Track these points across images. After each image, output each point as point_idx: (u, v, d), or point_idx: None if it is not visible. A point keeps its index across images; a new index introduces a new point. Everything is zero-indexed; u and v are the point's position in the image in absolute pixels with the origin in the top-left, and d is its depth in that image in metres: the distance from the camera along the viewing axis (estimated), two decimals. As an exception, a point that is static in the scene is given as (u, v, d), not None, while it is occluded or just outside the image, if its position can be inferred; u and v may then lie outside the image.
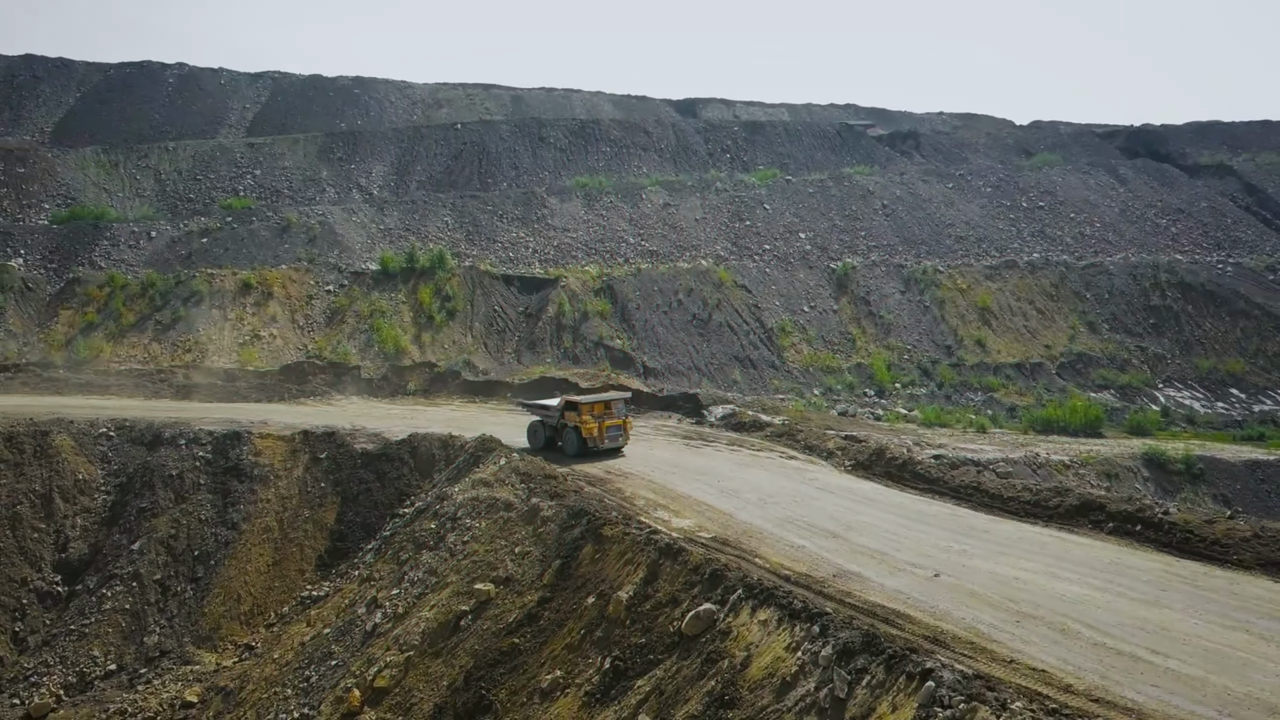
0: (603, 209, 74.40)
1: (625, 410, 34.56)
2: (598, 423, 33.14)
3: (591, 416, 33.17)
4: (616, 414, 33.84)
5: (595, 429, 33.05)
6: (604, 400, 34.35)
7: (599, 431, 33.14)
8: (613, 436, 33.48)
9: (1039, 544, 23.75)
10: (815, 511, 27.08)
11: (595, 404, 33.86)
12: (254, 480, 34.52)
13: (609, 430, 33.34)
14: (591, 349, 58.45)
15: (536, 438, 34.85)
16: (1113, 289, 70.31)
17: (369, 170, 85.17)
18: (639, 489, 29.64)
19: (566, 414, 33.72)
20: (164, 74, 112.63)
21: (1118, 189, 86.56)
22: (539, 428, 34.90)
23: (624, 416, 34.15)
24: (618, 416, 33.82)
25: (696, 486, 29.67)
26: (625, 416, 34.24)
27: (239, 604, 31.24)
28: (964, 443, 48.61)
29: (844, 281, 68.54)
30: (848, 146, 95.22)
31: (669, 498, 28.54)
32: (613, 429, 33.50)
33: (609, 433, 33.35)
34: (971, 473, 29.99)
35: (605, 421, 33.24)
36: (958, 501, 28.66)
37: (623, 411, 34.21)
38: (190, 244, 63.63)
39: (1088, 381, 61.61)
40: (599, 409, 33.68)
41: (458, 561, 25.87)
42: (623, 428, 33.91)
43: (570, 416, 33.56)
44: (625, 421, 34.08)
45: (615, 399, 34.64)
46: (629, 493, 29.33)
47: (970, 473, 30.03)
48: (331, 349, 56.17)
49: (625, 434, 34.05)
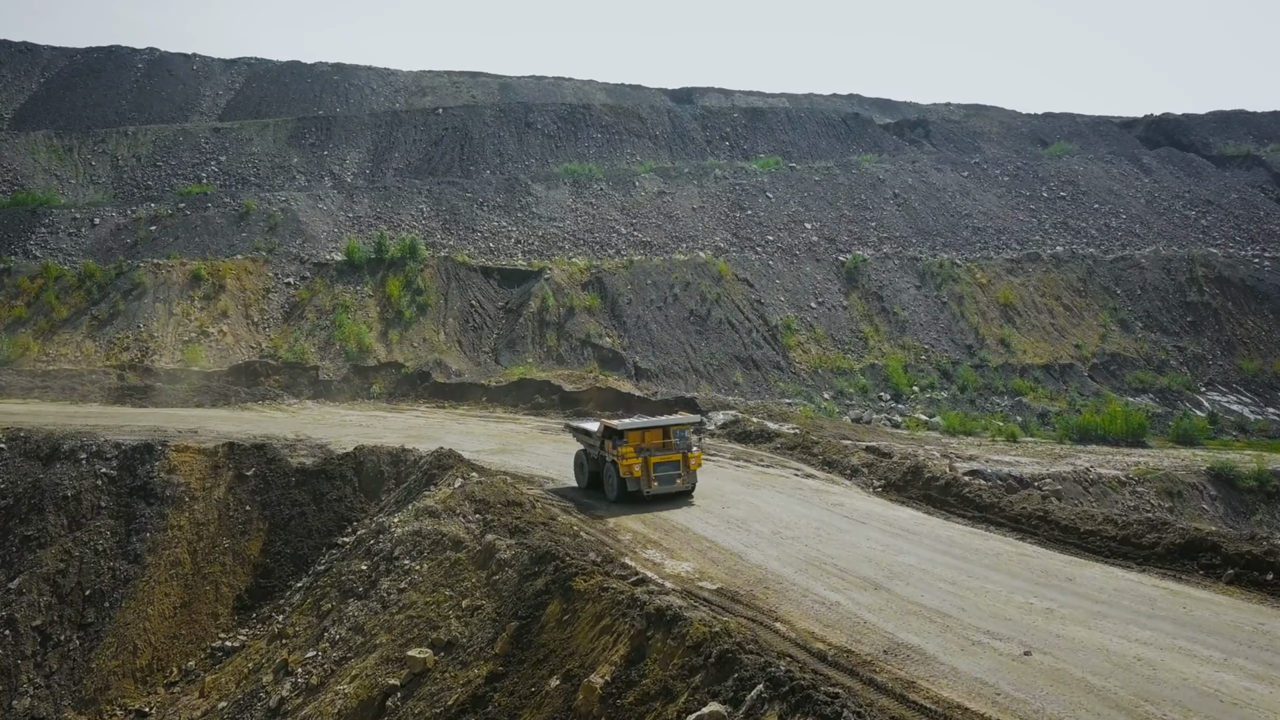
0: (592, 197, 68.77)
1: (690, 442, 25.93)
2: (642, 458, 25.05)
3: (634, 449, 25.13)
4: (675, 446, 25.43)
5: (638, 466, 24.95)
6: (654, 426, 25.89)
7: (644, 470, 24.98)
8: (666, 478, 25.07)
9: (1145, 600, 18.14)
10: (846, 549, 21.46)
11: (641, 431, 25.56)
12: (165, 502, 28.80)
13: (660, 469, 25.03)
14: (578, 348, 52.81)
15: (581, 472, 27.63)
16: (1145, 284, 64.84)
17: (343, 157, 79.46)
18: (625, 519, 24.03)
19: (606, 444, 25.93)
20: (133, 59, 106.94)
21: (1142, 179, 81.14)
22: (583, 460, 27.48)
23: (688, 450, 25.55)
24: (676, 450, 25.34)
25: (696, 515, 24.09)
26: (691, 450, 25.63)
27: (135, 657, 25.52)
28: (995, 454, 43.09)
29: (854, 275, 62.99)
30: (854, 135, 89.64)
31: (662, 530, 22.93)
32: (666, 467, 25.06)
33: (660, 472, 25.02)
34: (1035, 498, 24.38)
35: (655, 456, 25.06)
36: (1020, 535, 23.05)
37: (685, 444, 25.66)
38: (137, 232, 57.88)
39: (1123, 384, 56.11)
40: (648, 438, 25.54)
41: (390, 616, 20.19)
42: (682, 465, 25.31)
43: (609, 448, 25.69)
44: (692, 457, 25.56)
45: (673, 425, 26.15)
46: (612, 523, 23.71)
47: (1033, 498, 24.42)
48: (288, 347, 50.48)
49: (688, 474, 25.44)
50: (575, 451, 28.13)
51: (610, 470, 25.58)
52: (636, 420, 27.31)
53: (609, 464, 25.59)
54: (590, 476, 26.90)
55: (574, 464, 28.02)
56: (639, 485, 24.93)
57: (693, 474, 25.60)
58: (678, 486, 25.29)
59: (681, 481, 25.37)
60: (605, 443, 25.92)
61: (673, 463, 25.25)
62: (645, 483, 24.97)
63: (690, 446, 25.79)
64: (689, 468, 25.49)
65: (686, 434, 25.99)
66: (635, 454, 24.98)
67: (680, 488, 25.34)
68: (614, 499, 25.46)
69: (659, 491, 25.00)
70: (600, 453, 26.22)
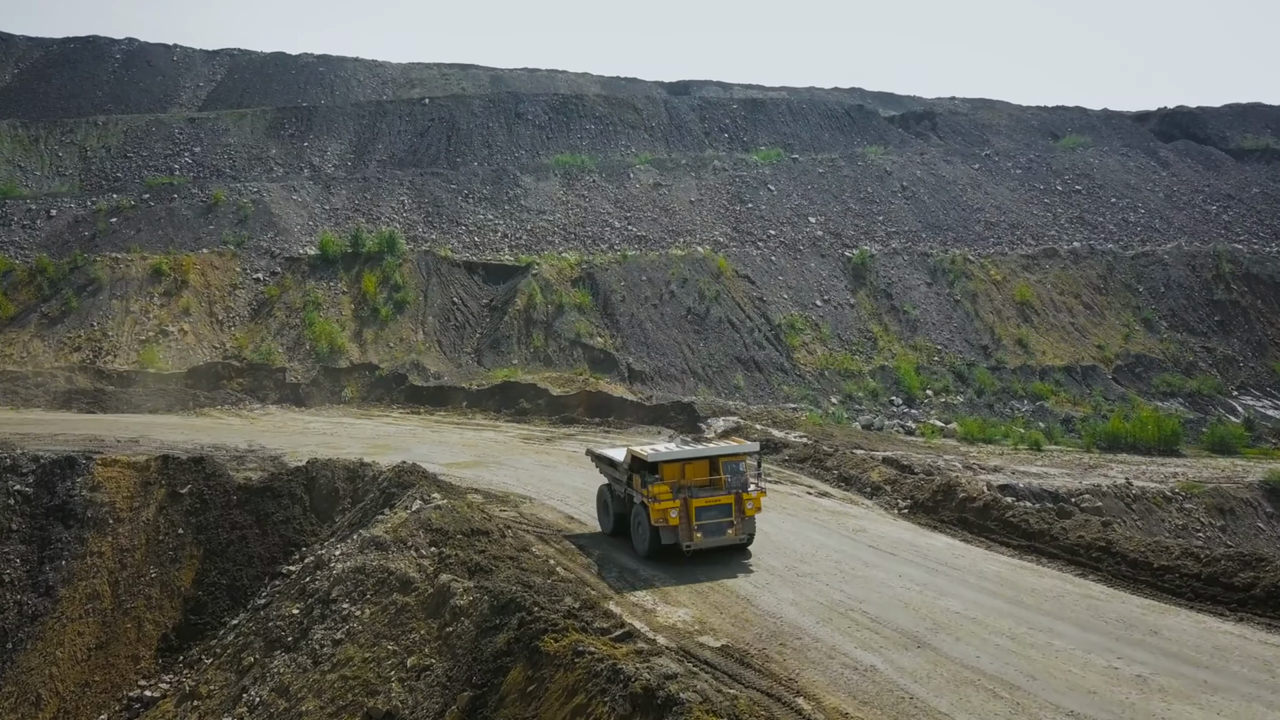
0: (584, 189, 65.12)
1: (745, 477, 19.55)
2: (681, 500, 18.81)
3: (671, 488, 18.93)
4: (726, 484, 19.22)
5: (675, 511, 18.72)
6: (698, 458, 19.63)
7: (684, 517, 18.77)
8: (714, 527, 18.93)
9: (1260, 665, 14.52)
10: (876, 591, 17.83)
11: (680, 464, 19.36)
12: (85, 525, 25.09)
13: (706, 516, 18.86)
14: (567, 348, 49.14)
15: (605, 514, 21.61)
16: (1169, 281, 61.30)
17: (324, 148, 75.67)
18: (612, 552, 20.40)
19: (634, 479, 19.80)
20: (111, 50, 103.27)
21: (1159, 173, 77.65)
22: (607, 497, 21.48)
23: (743, 489, 19.33)
24: (727, 489, 19.17)
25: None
26: (746, 489, 19.40)
27: (37, 710, 21.81)
28: (1020, 464, 39.59)
29: (861, 272, 59.37)
30: (858, 127, 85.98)
31: (655, 566, 19.29)
32: (713, 513, 18.96)
33: (706, 519, 18.85)
34: (1094, 525, 20.75)
35: (699, 498, 18.91)
36: (1079, 570, 19.43)
37: (740, 480, 19.36)
38: (96, 224, 54.12)
39: (1150, 388, 52.54)
40: (689, 473, 19.39)
41: (321, 675, 16.52)
42: (735, 510, 19.11)
43: (638, 485, 19.53)
44: (749, 499, 19.29)
45: (723, 455, 19.71)
46: (595, 556, 20.09)
47: (1091, 525, 20.79)
48: (253, 348, 46.77)
49: (743, 521, 19.22)
50: (599, 487, 22.05)
51: (639, 515, 19.52)
52: (674, 449, 20.41)
53: (638, 506, 19.63)
54: (616, 520, 20.93)
55: (597, 502, 22.22)
56: (676, 537, 18.80)
57: (749, 521, 19.33)
58: (729, 539, 19.06)
59: (734, 532, 19.07)
60: (633, 477, 19.78)
61: (722, 507, 19.00)
62: (685, 534, 18.75)
63: (746, 484, 19.43)
64: (744, 513, 19.14)
65: (740, 467, 19.48)
66: (672, 495, 18.80)
67: (732, 540, 19.13)
68: (645, 554, 19.42)
69: (704, 546, 18.87)
70: (627, 490, 20.14)
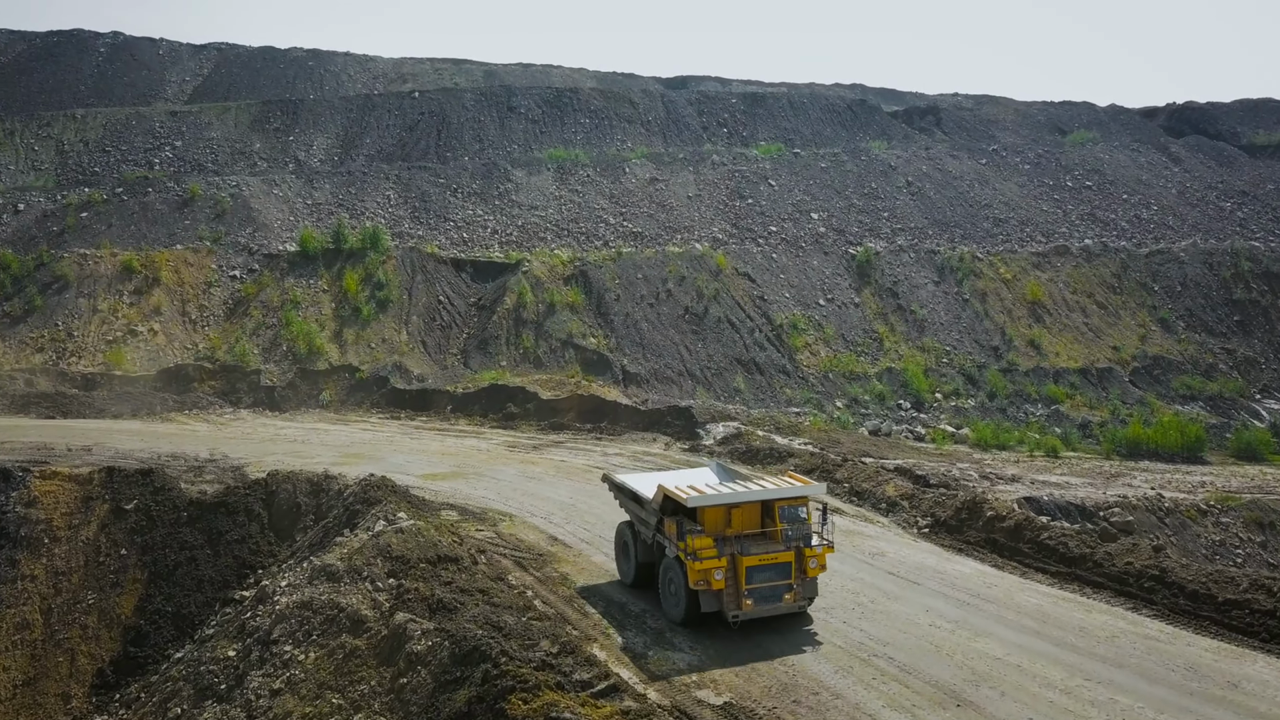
0: (578, 184, 62.71)
1: (806, 526, 15.89)
2: (727, 556, 15.20)
3: (714, 541, 15.22)
4: (785, 536, 15.59)
5: (720, 572, 15.02)
6: (748, 501, 15.82)
7: (731, 578, 15.12)
8: (768, 592, 15.24)
9: (1367, 727, 12.16)
10: (901, 630, 15.47)
11: (725, 509, 15.73)
12: (17, 545, 22.68)
13: (759, 577, 15.22)
14: (558, 349, 46.74)
15: (625, 559, 17.94)
16: (1185, 280, 58.98)
17: (309, 142, 73.21)
18: (596, 579, 18.03)
19: (667, 526, 16.02)
20: (95, 43, 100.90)
21: (1171, 169, 75.31)
22: (628, 538, 17.75)
23: (804, 542, 15.71)
24: (786, 542, 15.55)
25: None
26: (808, 544, 15.73)
27: (-48, 756, 19.41)
28: (1038, 472, 37.26)
29: (866, 269, 56.98)
30: (860, 122, 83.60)
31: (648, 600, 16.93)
32: (768, 573, 15.27)
33: (759, 581, 15.20)
34: (1143, 549, 18.40)
35: (750, 555, 15.26)
36: (1131, 603, 17.07)
37: (800, 530, 15.75)
38: (65, 219, 51.62)
39: (1169, 391, 50.19)
40: (737, 520, 15.76)
41: (255, 733, 14.11)
42: (795, 569, 15.50)
43: (672, 532, 15.79)
44: (811, 555, 15.66)
45: (780, 499, 15.82)
46: (579, 587, 17.68)
47: (1140, 549, 18.44)
48: (227, 349, 44.33)
49: (804, 583, 15.63)
50: (619, 524, 18.35)
51: (672, 571, 15.80)
52: (715, 485, 16.41)
53: (670, 560, 15.89)
54: (640, 569, 17.30)
55: (615, 543, 18.38)
56: (720, 604, 15.05)
57: (811, 583, 15.72)
58: (785, 606, 15.38)
59: (792, 597, 15.39)
60: (665, 522, 16.03)
61: (779, 566, 15.27)
62: (732, 600, 15.02)
63: (807, 535, 15.72)
64: (806, 573, 15.54)
65: (801, 513, 15.85)
66: (716, 550, 15.08)
67: (790, 607, 15.47)
68: (679, 620, 15.72)
69: (756, 615, 15.21)
70: (656, 536, 16.41)
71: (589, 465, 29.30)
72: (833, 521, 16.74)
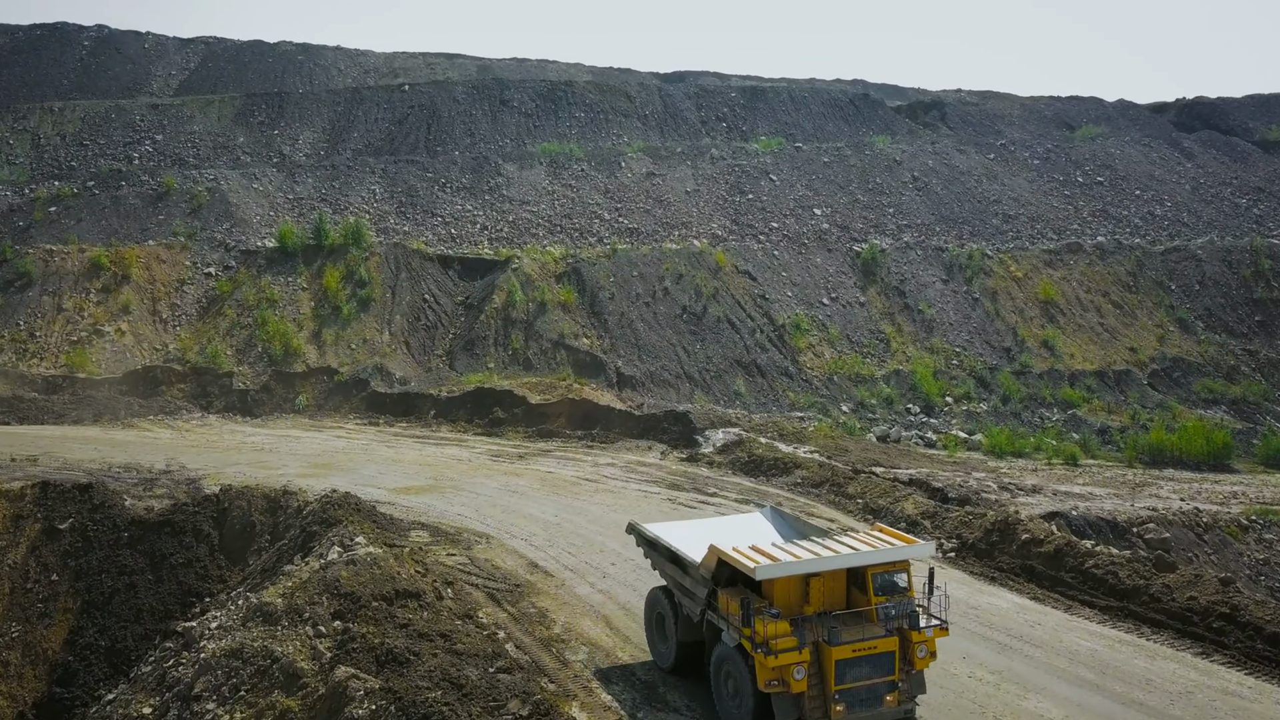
0: (571, 178, 60.37)
1: (909, 599, 12.49)
2: (809, 646, 11.85)
3: (791, 625, 11.87)
4: (883, 615, 12.26)
5: (801, 669, 11.70)
6: (833, 569, 12.37)
7: (817, 678, 11.83)
8: (865, 694, 11.89)
9: None
10: (937, 684, 13.12)
11: (803, 579, 12.32)
12: (-65, 571, 20.29)
13: (851, 673, 11.83)
14: (549, 350, 44.40)
15: (660, 635, 14.40)
16: (1203, 278, 56.72)
17: (295, 136, 70.77)
18: (579, 616, 15.67)
19: (723, 601, 12.57)
20: (79, 36, 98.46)
21: (1184, 164, 73.04)
22: (664, 607, 14.23)
23: (910, 622, 12.30)
24: (885, 625, 12.23)
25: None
26: (913, 625, 12.29)
27: None
28: (1059, 482, 35.06)
29: (871, 267, 54.68)
30: (863, 117, 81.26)
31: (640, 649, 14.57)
32: (864, 667, 11.91)
33: (852, 677, 11.83)
34: (1209, 583, 16.05)
35: (840, 645, 11.81)
36: (1197, 646, 14.73)
37: (903, 609, 12.36)
38: (32, 213, 49.23)
39: (1190, 395, 47.92)
40: (817, 593, 12.37)
41: (164, 815, 11.74)
42: (899, 660, 12.13)
43: (731, 611, 12.32)
44: (919, 640, 12.24)
45: (876, 565, 12.35)
46: (559, 628, 15.33)
47: (1206, 582, 16.09)
48: (199, 350, 41.95)
49: (911, 678, 12.34)
50: (651, 590, 14.70)
51: (733, 665, 12.25)
52: (791, 554, 12.32)
53: (730, 651, 12.31)
54: (681, 651, 13.76)
55: (645, 614, 14.78)
56: (800, 710, 11.71)
57: (918, 678, 12.43)
58: (888, 710, 12.00)
59: (896, 698, 12.02)
60: (720, 596, 12.55)
61: (880, 659, 11.90)
62: (818, 707, 11.74)
63: (913, 614, 12.29)
64: (913, 664, 12.27)
65: (902, 580, 12.41)
66: (795, 638, 11.65)
67: (893, 712, 12.07)
68: None
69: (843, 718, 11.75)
70: (707, 612, 12.88)
71: (578, 477, 26.97)
72: (944, 591, 12.87)
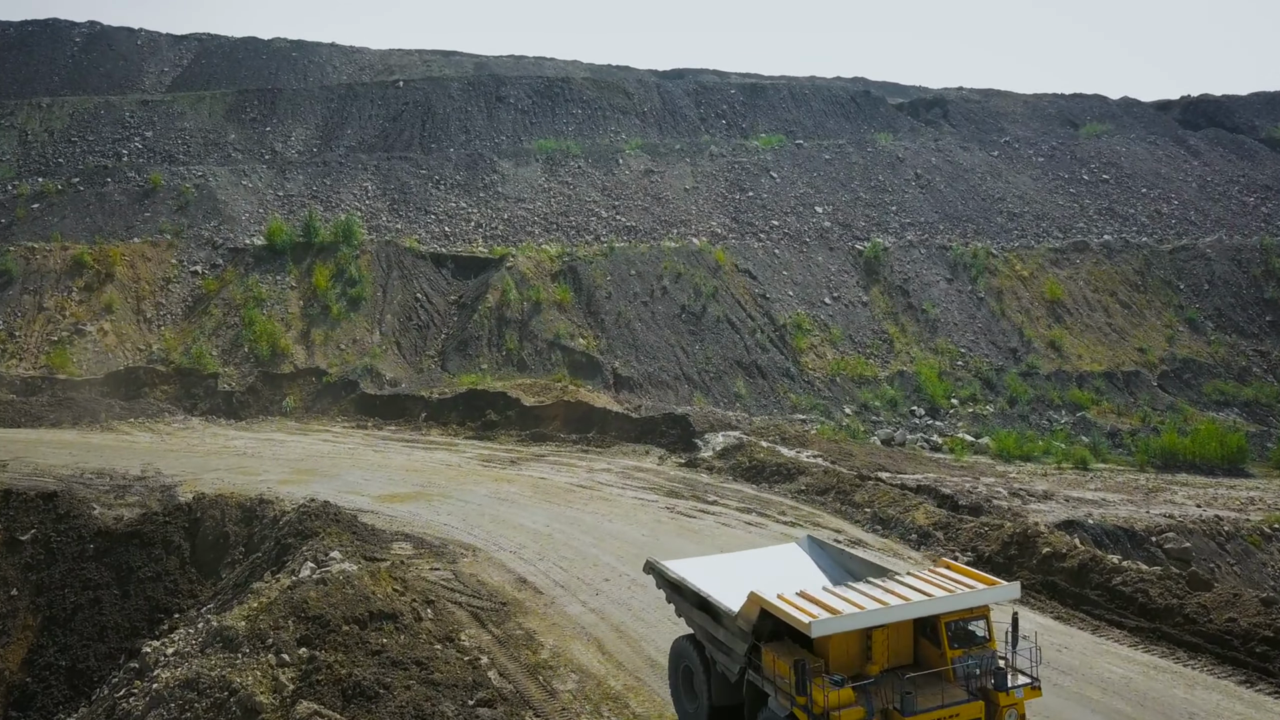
0: (568, 175, 59.21)
1: (992, 652, 10.88)
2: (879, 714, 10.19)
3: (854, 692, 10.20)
4: (963, 671, 10.63)
5: None
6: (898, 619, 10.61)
7: None
8: None
9: None
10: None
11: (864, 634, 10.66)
12: (-113, 585, 19.12)
13: None
14: (544, 351, 43.23)
15: (689, 693, 12.68)
16: (1213, 277, 55.62)
17: (287, 133, 69.57)
18: (569, 639, 14.48)
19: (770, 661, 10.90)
20: (70, 32, 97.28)
21: (1191, 162, 71.95)
22: (691, 660, 12.50)
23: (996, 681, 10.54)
24: (966, 684, 10.57)
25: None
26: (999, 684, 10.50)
27: None
28: (1070, 488, 33.98)
29: (874, 266, 53.53)
30: (864, 114, 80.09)
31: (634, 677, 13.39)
32: None
33: None
34: (1250, 603, 14.88)
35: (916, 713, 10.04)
36: (1241, 673, 13.58)
37: (986, 663, 10.72)
38: (15, 210, 48.05)
39: (1201, 396, 46.81)
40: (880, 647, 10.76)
41: None
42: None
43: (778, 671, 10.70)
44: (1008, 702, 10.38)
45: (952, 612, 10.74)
46: (547, 652, 14.15)
47: (1247, 602, 14.92)
48: (184, 350, 40.77)
49: None
50: (675, 640, 13.00)
51: None
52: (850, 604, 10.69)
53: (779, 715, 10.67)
54: (715, 716, 12.03)
55: (670, 670, 12.98)
56: None
57: None
58: None
59: None
60: (765, 655, 10.94)
61: None
62: None
63: (999, 671, 10.67)
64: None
65: (981, 629, 10.92)
66: (861, 707, 10.11)
67: None
68: None
69: None
70: (747, 672, 11.29)
71: (571, 484, 25.81)
72: (1035, 642, 10.85)
